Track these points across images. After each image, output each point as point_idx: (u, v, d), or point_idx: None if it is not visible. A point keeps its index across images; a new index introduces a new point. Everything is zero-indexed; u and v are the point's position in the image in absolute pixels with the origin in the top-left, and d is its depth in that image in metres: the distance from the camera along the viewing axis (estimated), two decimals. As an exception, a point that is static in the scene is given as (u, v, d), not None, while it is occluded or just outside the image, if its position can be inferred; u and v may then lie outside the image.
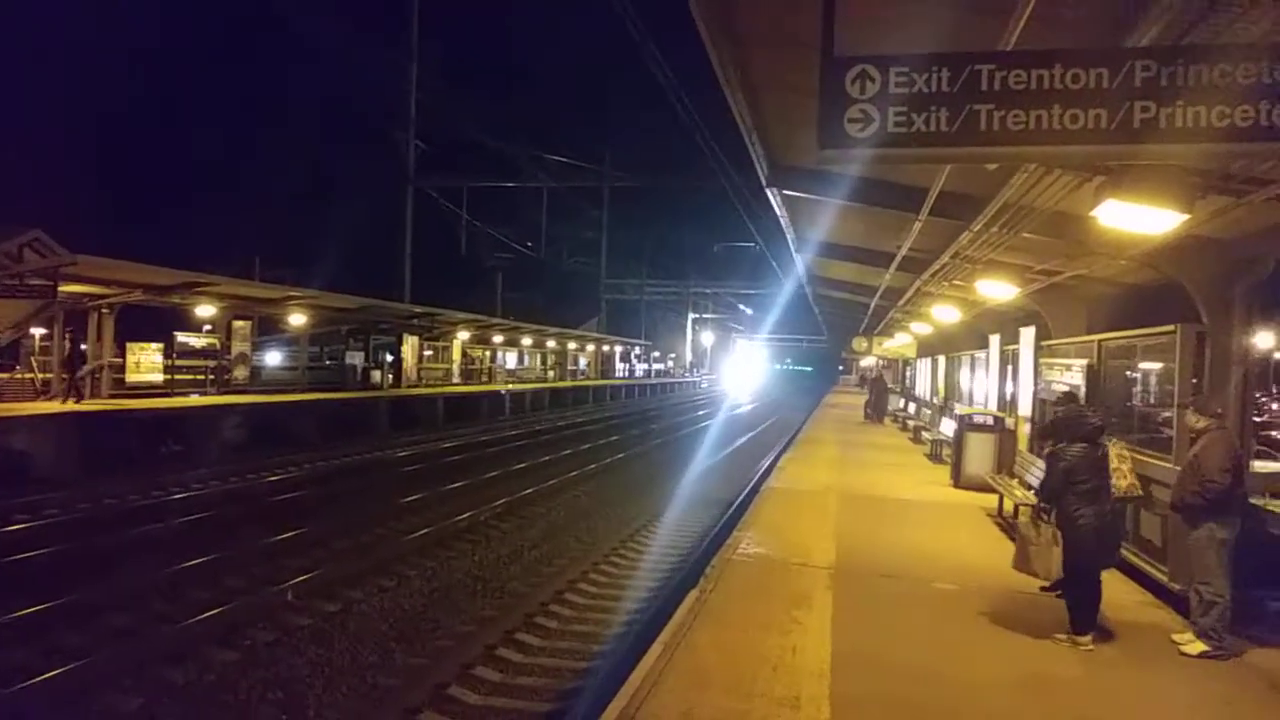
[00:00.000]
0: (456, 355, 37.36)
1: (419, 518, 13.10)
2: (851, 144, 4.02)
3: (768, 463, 19.85)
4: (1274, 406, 24.23)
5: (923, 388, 29.63)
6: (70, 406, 17.86)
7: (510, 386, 39.63)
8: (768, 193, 10.99)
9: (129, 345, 22.17)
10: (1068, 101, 3.85)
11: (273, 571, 9.88)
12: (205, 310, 23.76)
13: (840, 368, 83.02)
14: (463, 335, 36.40)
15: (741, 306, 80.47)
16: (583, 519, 13.85)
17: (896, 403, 33.67)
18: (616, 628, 8.53)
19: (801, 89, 4.28)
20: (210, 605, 8.36)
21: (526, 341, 46.58)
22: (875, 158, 4.72)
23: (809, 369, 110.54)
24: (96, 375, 21.10)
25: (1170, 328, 8.01)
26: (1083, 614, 6.29)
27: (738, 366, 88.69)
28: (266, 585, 9.26)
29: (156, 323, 24.76)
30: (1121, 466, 7.28)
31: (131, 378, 21.89)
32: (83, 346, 20.16)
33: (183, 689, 6.69)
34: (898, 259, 13.24)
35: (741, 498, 15.42)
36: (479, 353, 42.79)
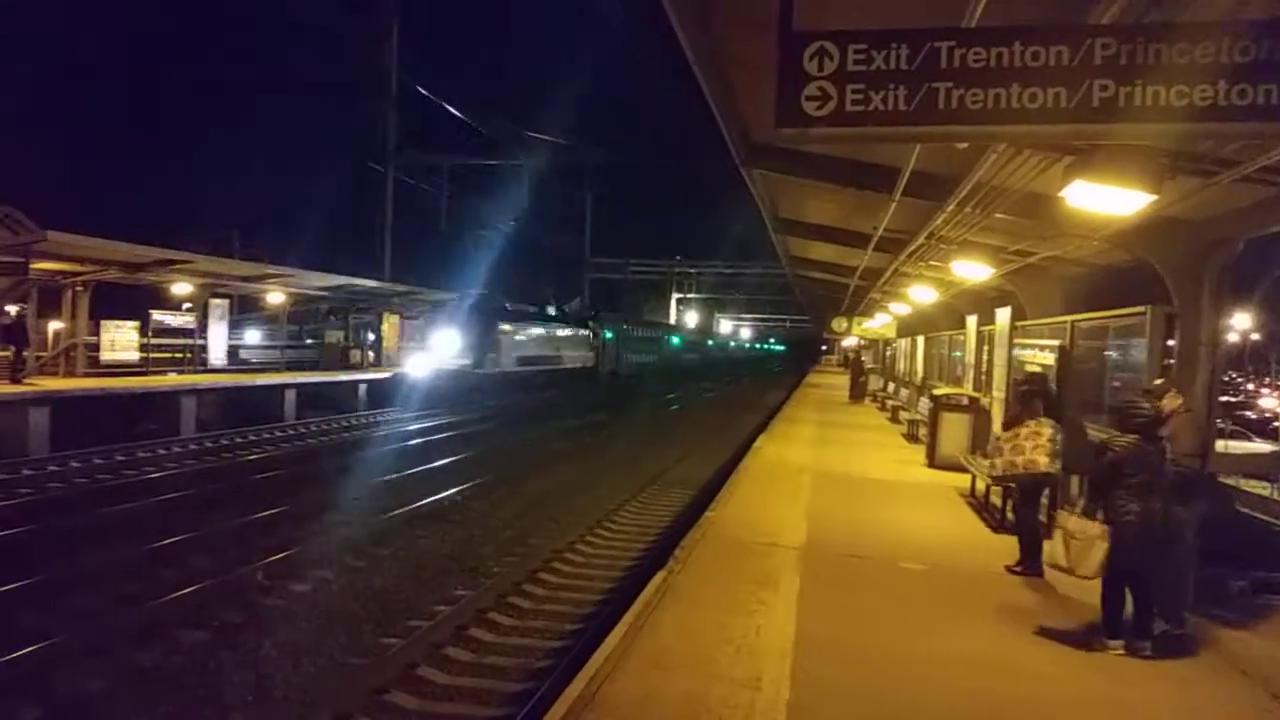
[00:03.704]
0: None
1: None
2: (809, 123, 3.95)
3: (746, 442, 19.86)
4: (1249, 387, 24.47)
5: (901, 368, 29.75)
6: (11, 388, 17.13)
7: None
8: (743, 172, 10.90)
9: (103, 323, 21.87)
10: (1027, 80, 3.79)
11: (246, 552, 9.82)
12: (181, 288, 23.50)
13: (823, 348, 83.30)
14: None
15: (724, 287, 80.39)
16: (563, 499, 13.83)
17: (877, 383, 33.81)
18: (587, 608, 8.52)
19: (768, 66, 4.20)
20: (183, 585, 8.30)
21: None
22: (837, 137, 4.69)
23: (791, 349, 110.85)
24: (71, 353, 20.87)
25: (1141, 309, 8.02)
26: (1114, 616, 5.87)
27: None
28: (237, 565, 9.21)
29: (134, 301, 24.44)
30: (1036, 443, 7.36)
31: (106, 356, 21.63)
32: (27, 323, 19.81)
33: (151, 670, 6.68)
34: (875, 240, 13.21)
35: (715, 479, 15.42)
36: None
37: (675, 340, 64.88)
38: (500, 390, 29.56)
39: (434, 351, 28.16)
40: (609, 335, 45.60)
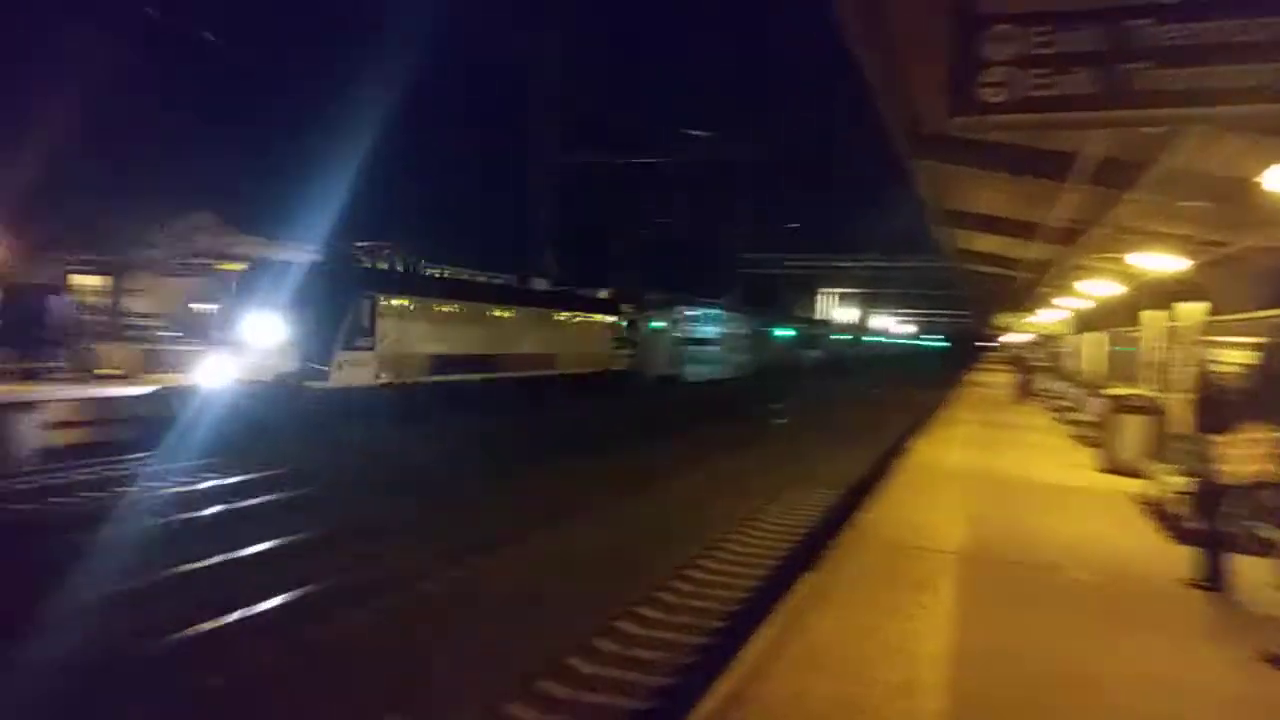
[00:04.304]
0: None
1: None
2: (987, 110, 3.76)
3: (899, 443, 19.29)
4: None
5: (1071, 365, 28.08)
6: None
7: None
8: (908, 164, 10.57)
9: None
10: (1232, 56, 3.47)
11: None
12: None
13: (983, 344, 79.74)
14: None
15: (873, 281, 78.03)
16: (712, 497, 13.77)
17: (1044, 381, 32.07)
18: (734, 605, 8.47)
19: (939, 51, 4.03)
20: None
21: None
22: (1017, 124, 4.45)
23: (949, 345, 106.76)
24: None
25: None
26: None
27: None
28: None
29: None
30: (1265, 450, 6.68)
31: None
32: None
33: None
34: (1046, 230, 12.52)
35: (869, 479, 15.05)
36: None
37: (784, 332, 53.73)
38: (376, 418, 17.81)
39: (245, 348, 17.25)
40: (656, 325, 34.53)
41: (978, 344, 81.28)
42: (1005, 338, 43.78)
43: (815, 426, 25.37)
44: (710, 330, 39.92)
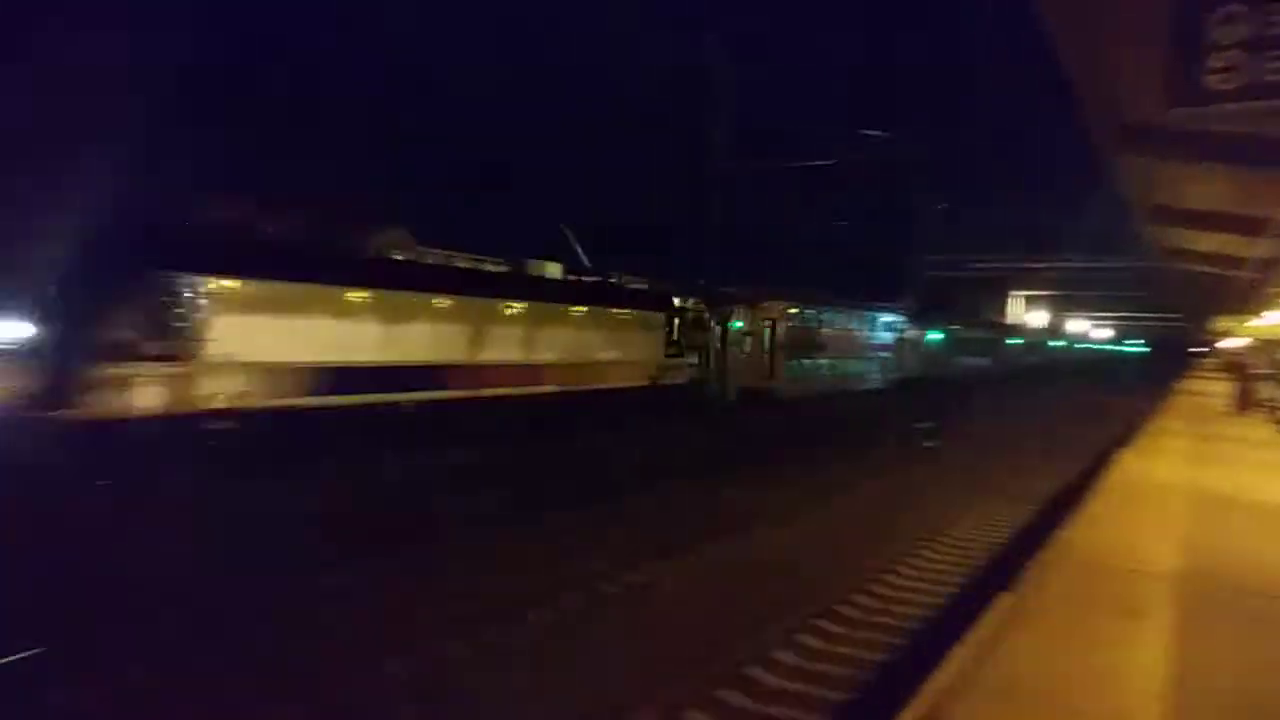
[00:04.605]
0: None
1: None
2: (1213, 99, 3.45)
3: (1101, 454, 17.99)
4: None
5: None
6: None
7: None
8: (1110, 159, 9.87)
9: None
10: None
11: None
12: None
13: (1196, 349, 73.24)
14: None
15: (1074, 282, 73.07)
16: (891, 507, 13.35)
17: (1268, 391, 29.04)
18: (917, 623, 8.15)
19: (1156, 35, 3.73)
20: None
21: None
22: (1249, 112, 4.06)
23: (1156, 351, 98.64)
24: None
25: None
26: None
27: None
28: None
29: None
30: None
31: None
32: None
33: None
34: (1275, 225, 11.36)
35: (1067, 493, 14.13)
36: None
37: (938, 336, 44.36)
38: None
39: None
40: (735, 325, 26.10)
41: (1190, 350, 74.85)
42: (1222, 343, 39.92)
43: (982, 446, 21.29)
44: (827, 332, 32.18)
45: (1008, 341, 64.45)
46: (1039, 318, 68.64)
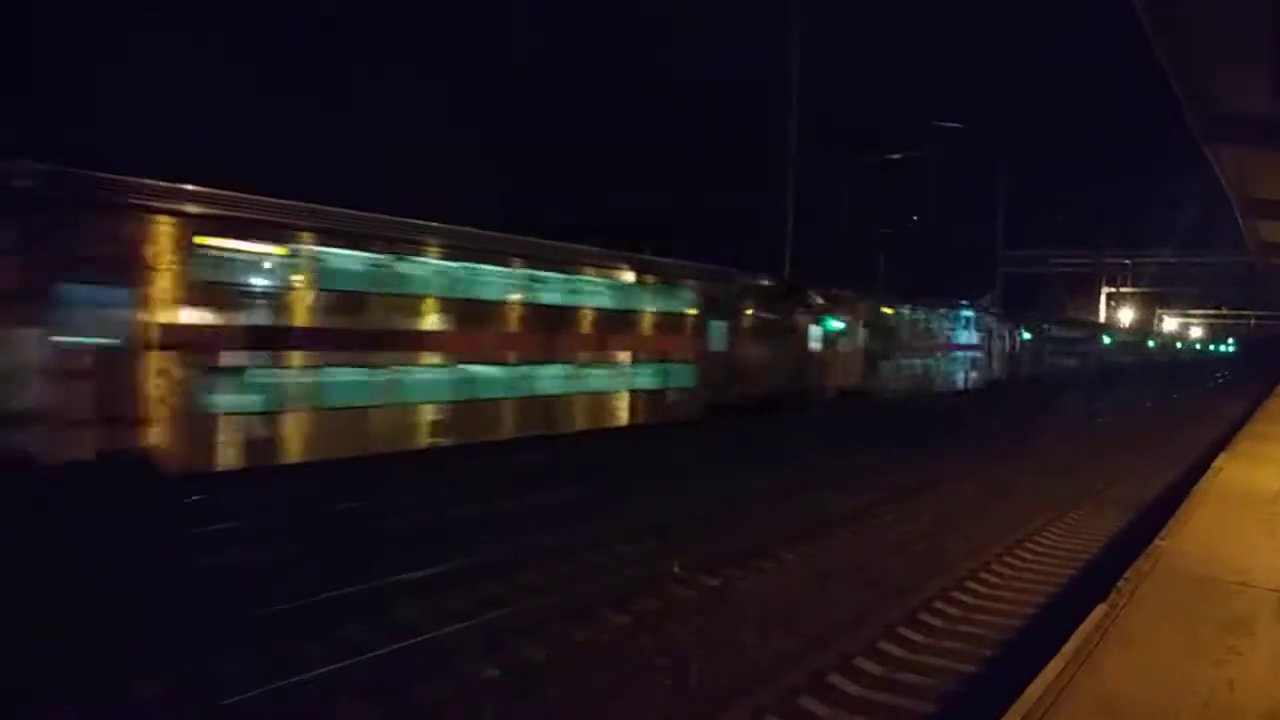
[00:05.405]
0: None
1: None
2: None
3: (1199, 461, 17.20)
4: None
5: None
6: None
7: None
8: (1205, 149, 9.43)
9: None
10: None
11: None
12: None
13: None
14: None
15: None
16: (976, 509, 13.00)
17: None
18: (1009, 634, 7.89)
19: (1253, 19, 3.52)
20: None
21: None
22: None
23: (1257, 351, 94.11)
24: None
25: None
26: None
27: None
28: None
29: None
30: None
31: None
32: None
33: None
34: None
35: (1163, 500, 13.53)
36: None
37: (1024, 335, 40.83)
38: None
39: None
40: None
41: None
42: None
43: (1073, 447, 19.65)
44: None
45: (1104, 340, 61.91)
46: (1129, 315, 66.13)
